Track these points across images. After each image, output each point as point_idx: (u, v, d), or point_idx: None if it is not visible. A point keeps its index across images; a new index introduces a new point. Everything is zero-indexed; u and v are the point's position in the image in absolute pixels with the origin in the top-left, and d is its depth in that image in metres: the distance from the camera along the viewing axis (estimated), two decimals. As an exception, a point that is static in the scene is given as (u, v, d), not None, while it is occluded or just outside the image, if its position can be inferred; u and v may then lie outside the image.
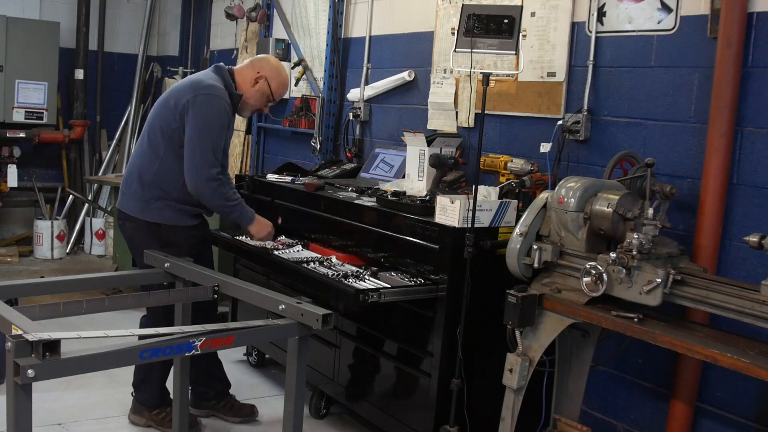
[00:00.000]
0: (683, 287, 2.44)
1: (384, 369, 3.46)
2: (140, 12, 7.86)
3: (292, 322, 2.52)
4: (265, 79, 3.50)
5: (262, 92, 3.51)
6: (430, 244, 3.15)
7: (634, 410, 3.31)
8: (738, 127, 2.90)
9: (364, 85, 4.91)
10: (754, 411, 2.89)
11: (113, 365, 2.29)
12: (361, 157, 4.93)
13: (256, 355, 4.60)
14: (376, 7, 4.92)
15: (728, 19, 2.85)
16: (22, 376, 1.94)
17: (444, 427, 3.07)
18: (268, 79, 3.50)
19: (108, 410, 3.86)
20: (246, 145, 6.40)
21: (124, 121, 7.66)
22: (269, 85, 3.51)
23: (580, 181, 2.78)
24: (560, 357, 3.06)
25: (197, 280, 3.05)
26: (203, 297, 2.98)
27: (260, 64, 3.54)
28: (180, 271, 3.12)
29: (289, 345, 2.54)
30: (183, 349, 2.28)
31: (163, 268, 3.17)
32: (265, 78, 3.50)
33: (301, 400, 2.56)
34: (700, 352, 2.33)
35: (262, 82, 3.49)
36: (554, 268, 2.81)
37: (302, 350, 2.53)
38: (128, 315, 4.36)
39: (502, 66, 3.86)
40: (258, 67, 3.52)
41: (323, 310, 2.43)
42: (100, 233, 7.28)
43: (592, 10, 3.44)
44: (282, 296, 2.63)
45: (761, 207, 2.85)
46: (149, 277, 3.25)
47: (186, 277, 3.10)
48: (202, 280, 3.01)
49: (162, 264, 3.17)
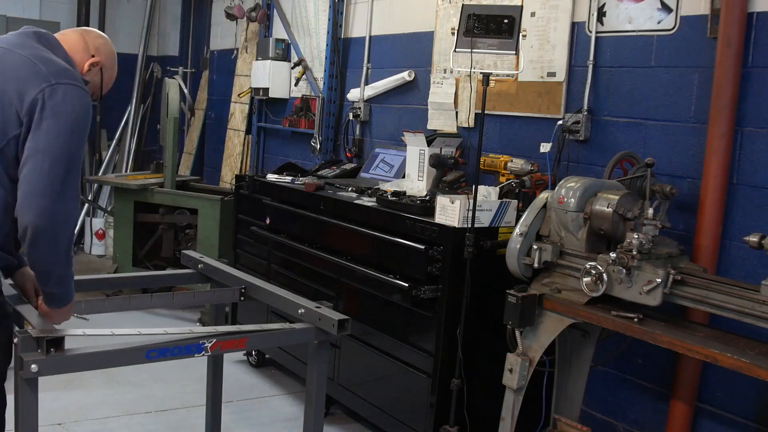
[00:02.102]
0: (683, 287, 2.44)
1: (384, 369, 3.46)
2: (140, 12, 7.86)
3: (309, 326, 2.44)
4: (101, 68, 2.40)
5: (92, 84, 2.39)
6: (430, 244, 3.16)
7: (634, 410, 3.31)
8: (738, 127, 2.90)
9: (364, 85, 4.91)
10: (754, 411, 2.89)
11: (118, 364, 2.27)
12: (361, 157, 4.93)
13: (256, 355, 4.60)
14: (376, 7, 4.91)
15: (728, 19, 2.85)
16: (26, 370, 1.95)
17: (444, 427, 3.07)
18: (104, 69, 2.41)
19: (108, 410, 3.86)
20: (246, 145, 6.40)
21: (124, 121, 7.67)
22: (102, 77, 2.42)
23: (580, 181, 2.78)
24: (560, 357, 3.06)
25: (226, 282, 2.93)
26: (230, 299, 2.87)
27: (96, 43, 2.40)
28: (212, 272, 3.00)
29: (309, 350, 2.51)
30: (192, 350, 2.22)
31: (196, 268, 3.04)
32: (101, 66, 2.40)
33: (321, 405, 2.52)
34: (700, 352, 2.33)
35: (97, 70, 2.38)
36: (554, 268, 2.81)
37: (321, 355, 2.48)
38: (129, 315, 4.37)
39: (502, 66, 3.86)
40: (94, 48, 2.38)
41: (340, 315, 2.37)
42: (100, 233, 7.28)
43: (592, 10, 3.44)
44: (303, 300, 2.57)
45: (761, 207, 2.85)
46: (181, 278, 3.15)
47: (218, 278, 2.97)
48: (230, 281, 2.90)
49: (196, 265, 3.04)
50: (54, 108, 2.10)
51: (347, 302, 3.65)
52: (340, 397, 3.77)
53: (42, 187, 2.06)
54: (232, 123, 6.61)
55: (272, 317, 4.15)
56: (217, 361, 3.09)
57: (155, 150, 7.64)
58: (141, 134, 7.79)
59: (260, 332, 2.42)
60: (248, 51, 6.39)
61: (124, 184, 5.68)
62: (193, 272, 3.05)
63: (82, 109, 2.17)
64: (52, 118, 2.10)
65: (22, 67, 2.14)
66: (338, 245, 3.71)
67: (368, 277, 3.44)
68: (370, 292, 3.48)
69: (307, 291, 3.78)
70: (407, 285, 3.17)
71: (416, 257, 3.19)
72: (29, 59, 2.15)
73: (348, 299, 3.65)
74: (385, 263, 3.40)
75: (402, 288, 3.20)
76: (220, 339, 2.26)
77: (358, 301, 3.60)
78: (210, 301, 2.97)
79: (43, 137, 2.08)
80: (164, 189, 5.62)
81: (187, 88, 7.07)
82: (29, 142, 2.08)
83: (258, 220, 4.36)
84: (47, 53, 2.21)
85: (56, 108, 2.10)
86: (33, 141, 2.08)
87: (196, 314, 5.25)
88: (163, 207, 5.63)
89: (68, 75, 2.17)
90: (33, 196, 2.05)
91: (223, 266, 2.99)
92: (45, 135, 2.09)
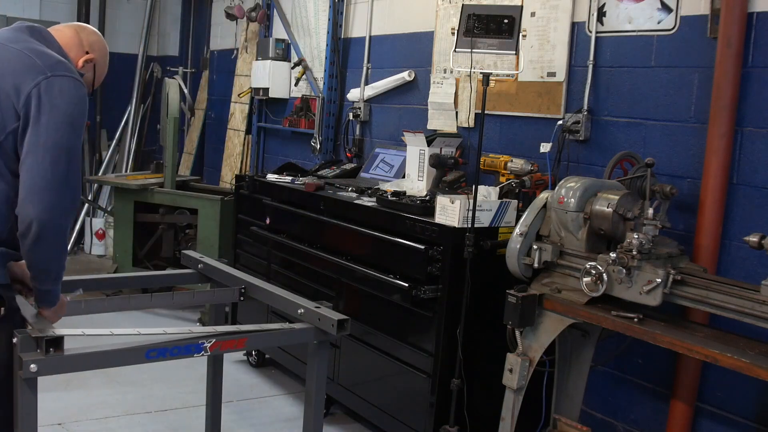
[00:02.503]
0: (683, 287, 2.44)
1: (384, 369, 3.46)
2: (140, 12, 7.86)
3: (309, 326, 2.44)
4: (94, 65, 2.40)
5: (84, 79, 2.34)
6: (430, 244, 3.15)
7: (634, 410, 3.31)
8: (738, 127, 2.90)
9: (364, 85, 4.91)
10: (754, 411, 2.88)
11: (117, 364, 2.26)
12: (361, 157, 4.93)
13: (257, 355, 4.60)
14: (376, 7, 4.91)
15: (728, 19, 2.85)
16: (25, 370, 1.95)
17: (444, 427, 3.07)
18: (97, 66, 2.42)
19: (108, 410, 3.86)
20: (246, 145, 6.40)
21: (124, 121, 7.67)
22: (94, 73, 2.43)
23: (580, 181, 2.78)
24: (560, 357, 3.06)
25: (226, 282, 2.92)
26: (229, 299, 2.87)
27: (91, 39, 2.40)
28: (212, 272, 2.99)
29: (309, 350, 2.51)
30: (191, 350, 2.21)
31: (196, 268, 3.02)
32: (95, 63, 2.40)
33: (320, 405, 2.52)
34: (700, 352, 2.34)
35: (90, 66, 2.39)
36: (554, 268, 2.81)
37: (321, 355, 2.47)
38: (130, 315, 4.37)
39: (502, 66, 3.86)
40: (88, 44, 2.39)
41: (339, 315, 2.36)
42: (100, 233, 7.28)
43: (592, 10, 3.44)
44: (303, 300, 2.57)
45: (761, 207, 2.85)
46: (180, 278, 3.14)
47: (217, 278, 2.96)
48: (230, 281, 2.89)
49: (196, 265, 3.03)
50: (51, 102, 2.09)
51: (347, 302, 3.65)
52: (340, 397, 3.77)
53: (45, 182, 2.06)
54: (232, 123, 6.61)
55: (273, 317, 4.15)
56: (216, 361, 3.08)
57: (155, 150, 7.64)
58: (141, 134, 7.80)
59: (259, 332, 2.41)
60: (248, 51, 6.39)
61: (124, 184, 5.68)
62: (192, 272, 3.04)
63: (80, 101, 2.16)
64: (50, 112, 2.09)
65: (17, 60, 2.13)
66: (338, 245, 3.71)
67: (368, 277, 3.44)
68: (370, 292, 3.48)
69: (307, 291, 3.79)
70: (407, 285, 3.17)
71: (416, 257, 3.19)
72: (23, 52, 2.15)
73: (348, 299, 3.66)
74: (385, 263, 3.40)
75: (402, 288, 3.20)
76: (219, 339, 2.26)
77: (358, 301, 3.60)
78: (209, 301, 2.96)
79: (43, 131, 2.08)
80: (164, 189, 5.62)
81: (187, 88, 7.07)
82: (29, 137, 2.07)
83: (258, 220, 4.36)
84: (41, 46, 2.20)
85: (53, 102, 2.10)
86: (33, 135, 2.08)
87: (197, 314, 5.26)
88: (163, 207, 5.63)
89: (64, 67, 2.17)
90: (37, 191, 2.05)
91: (223, 266, 2.98)
92: (45, 129, 2.08)
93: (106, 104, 7.64)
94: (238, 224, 4.69)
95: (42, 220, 2.05)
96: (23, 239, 2.08)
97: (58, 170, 2.08)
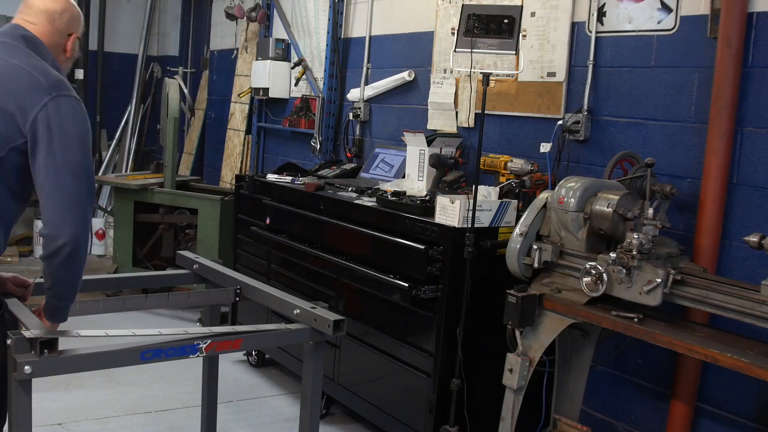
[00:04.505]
0: (683, 287, 2.44)
1: (384, 369, 3.46)
2: (140, 12, 7.86)
3: (305, 327, 2.45)
4: (77, 38, 2.42)
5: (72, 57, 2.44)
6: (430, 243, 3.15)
7: (634, 410, 3.31)
8: (738, 127, 2.90)
9: (364, 85, 4.91)
10: (754, 411, 2.88)
11: (112, 365, 2.27)
12: (361, 157, 4.93)
13: (256, 355, 4.60)
14: (376, 7, 4.91)
15: (728, 19, 2.85)
16: (19, 372, 1.95)
17: (444, 427, 3.07)
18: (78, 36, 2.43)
19: (108, 410, 3.86)
20: (246, 145, 6.40)
21: (124, 121, 7.67)
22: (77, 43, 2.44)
23: (580, 181, 2.78)
24: (560, 357, 3.06)
25: (221, 282, 2.92)
26: (225, 300, 2.86)
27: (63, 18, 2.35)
28: (207, 273, 2.98)
29: (305, 350, 2.51)
30: (186, 351, 2.21)
31: (192, 269, 3.02)
32: (76, 36, 2.41)
33: (316, 405, 2.52)
34: (700, 352, 2.33)
35: (73, 39, 2.40)
36: (554, 268, 2.81)
37: (317, 356, 2.47)
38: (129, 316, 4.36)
39: (502, 66, 3.86)
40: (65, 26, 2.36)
41: (335, 316, 2.37)
42: (100, 233, 7.28)
43: (592, 10, 3.44)
44: (299, 300, 2.57)
45: (761, 207, 2.85)
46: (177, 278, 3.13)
47: (213, 279, 2.96)
48: (225, 282, 2.90)
49: (191, 265, 3.03)
50: (61, 125, 2.16)
51: (347, 302, 3.65)
52: (340, 397, 3.77)
53: (73, 201, 2.14)
54: (232, 123, 6.61)
55: (272, 317, 4.15)
56: (212, 362, 3.08)
57: (155, 150, 7.64)
58: (141, 134, 7.80)
59: (255, 333, 2.41)
60: (248, 51, 6.39)
61: (124, 184, 5.68)
62: (190, 273, 3.04)
63: (84, 119, 2.26)
64: (61, 135, 2.16)
65: (21, 78, 2.18)
66: (338, 245, 3.71)
67: (368, 277, 3.44)
68: (370, 292, 3.48)
69: (307, 291, 3.79)
70: (407, 285, 3.17)
71: (416, 257, 3.19)
72: (26, 70, 2.19)
73: (348, 299, 3.66)
74: (385, 263, 3.40)
75: (402, 288, 3.20)
76: (214, 340, 2.26)
77: (358, 301, 3.60)
78: (205, 301, 2.96)
79: (59, 155, 2.15)
80: (164, 189, 5.62)
81: (187, 88, 7.06)
82: (44, 160, 2.14)
83: (258, 220, 4.36)
84: (40, 61, 2.25)
85: (63, 124, 2.17)
86: (49, 159, 2.14)
87: (197, 314, 5.26)
88: (163, 207, 5.63)
89: (65, 86, 2.23)
90: (66, 211, 2.12)
91: (218, 266, 2.97)
92: (60, 152, 2.15)
93: (106, 104, 7.64)
94: (238, 224, 4.69)
95: (77, 237, 2.13)
96: (52, 259, 2.13)
97: (81, 188, 2.17)
